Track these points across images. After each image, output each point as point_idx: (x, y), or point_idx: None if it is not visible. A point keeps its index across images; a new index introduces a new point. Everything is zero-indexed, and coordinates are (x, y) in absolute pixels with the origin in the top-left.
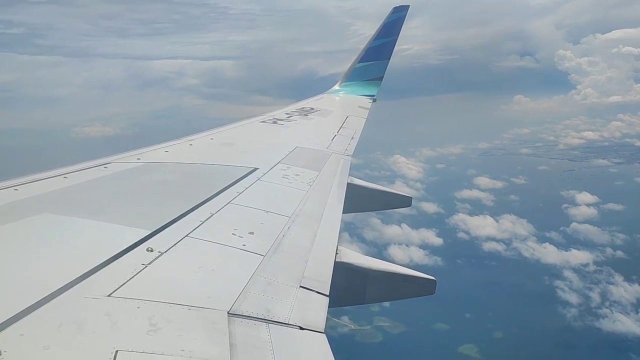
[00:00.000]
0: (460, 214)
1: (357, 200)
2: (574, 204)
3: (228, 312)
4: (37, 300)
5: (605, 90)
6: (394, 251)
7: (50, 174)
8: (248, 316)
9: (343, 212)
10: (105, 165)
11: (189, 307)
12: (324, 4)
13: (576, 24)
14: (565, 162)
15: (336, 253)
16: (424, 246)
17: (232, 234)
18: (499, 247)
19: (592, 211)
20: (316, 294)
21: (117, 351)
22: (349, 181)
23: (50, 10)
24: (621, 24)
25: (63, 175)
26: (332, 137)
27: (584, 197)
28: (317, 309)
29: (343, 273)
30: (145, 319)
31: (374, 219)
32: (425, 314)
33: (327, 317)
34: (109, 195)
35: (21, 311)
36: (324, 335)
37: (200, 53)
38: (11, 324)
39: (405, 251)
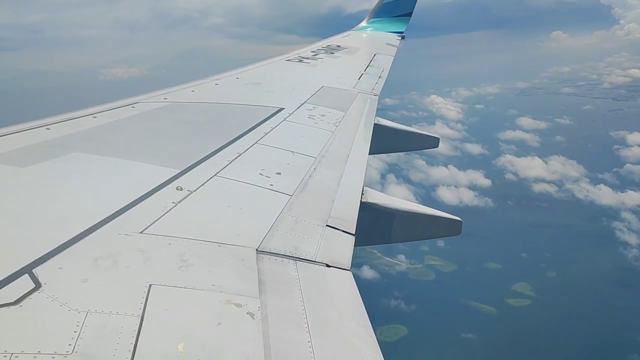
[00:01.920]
0: (507, 155)
1: (384, 140)
2: (625, 144)
3: (257, 250)
4: (73, 236)
5: None
6: (443, 192)
7: (80, 114)
8: (276, 253)
9: (370, 153)
10: (132, 105)
11: (219, 244)
12: None
13: None
14: (610, 102)
15: (362, 193)
16: (472, 187)
17: (260, 173)
18: (550, 189)
19: None
20: (342, 232)
21: (150, 285)
22: (375, 121)
23: None
24: None
25: (92, 115)
26: (359, 76)
27: (636, 137)
28: (343, 247)
29: (369, 213)
30: (177, 255)
31: (418, 160)
32: (476, 254)
33: (380, 257)
34: (138, 134)
35: (59, 246)
36: (350, 272)
37: None
38: (50, 258)
39: (454, 192)
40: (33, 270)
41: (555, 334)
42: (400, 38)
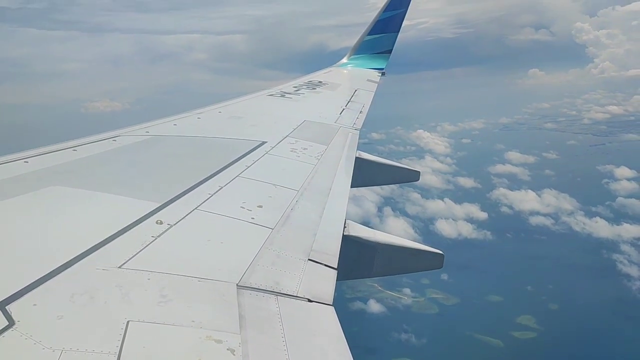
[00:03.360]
0: (501, 188)
1: (366, 174)
2: (614, 178)
3: (237, 285)
4: (49, 271)
5: (624, 63)
6: (442, 225)
7: (60, 147)
8: (257, 288)
9: (351, 187)
10: (114, 138)
11: (199, 279)
12: None
13: None
14: (591, 137)
15: (344, 227)
16: (469, 220)
17: (241, 207)
18: (547, 222)
19: (633, 185)
20: (324, 267)
21: (128, 321)
22: (357, 155)
23: None
24: None
25: (72, 148)
26: (341, 111)
27: (623, 171)
28: (325, 282)
29: (351, 246)
30: (156, 290)
31: (413, 193)
32: (477, 287)
33: (382, 290)
34: (118, 168)
35: (34, 282)
36: (332, 307)
37: (216, 27)
38: (24, 294)
39: (452, 225)
40: (6, 307)
41: None
42: (380, 74)
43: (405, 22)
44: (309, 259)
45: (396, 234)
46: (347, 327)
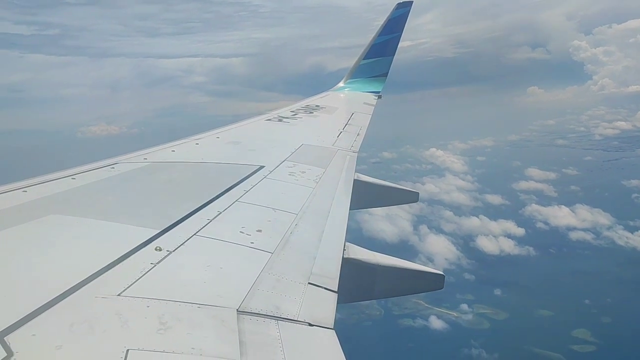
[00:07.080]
0: (534, 204)
1: (364, 196)
2: None
3: (237, 310)
4: (47, 301)
5: (623, 80)
6: (483, 242)
7: (58, 175)
8: (257, 313)
9: (350, 209)
10: (112, 166)
11: (199, 305)
12: (353, 1)
13: (587, 14)
14: (602, 153)
15: (344, 249)
16: (508, 236)
17: (240, 232)
18: (587, 236)
19: None
20: (325, 290)
21: (128, 350)
22: (355, 177)
23: (87, 12)
24: (638, 14)
25: (71, 177)
26: (338, 134)
27: None
28: (326, 305)
29: (351, 269)
30: (155, 317)
31: (445, 211)
32: (524, 301)
33: (428, 307)
34: (117, 195)
35: (32, 311)
36: (333, 331)
37: (221, 50)
38: (23, 325)
39: (493, 242)
40: (5, 338)
41: None
42: (377, 97)
43: (406, 43)
44: (309, 283)
45: (438, 251)
46: (402, 343)
